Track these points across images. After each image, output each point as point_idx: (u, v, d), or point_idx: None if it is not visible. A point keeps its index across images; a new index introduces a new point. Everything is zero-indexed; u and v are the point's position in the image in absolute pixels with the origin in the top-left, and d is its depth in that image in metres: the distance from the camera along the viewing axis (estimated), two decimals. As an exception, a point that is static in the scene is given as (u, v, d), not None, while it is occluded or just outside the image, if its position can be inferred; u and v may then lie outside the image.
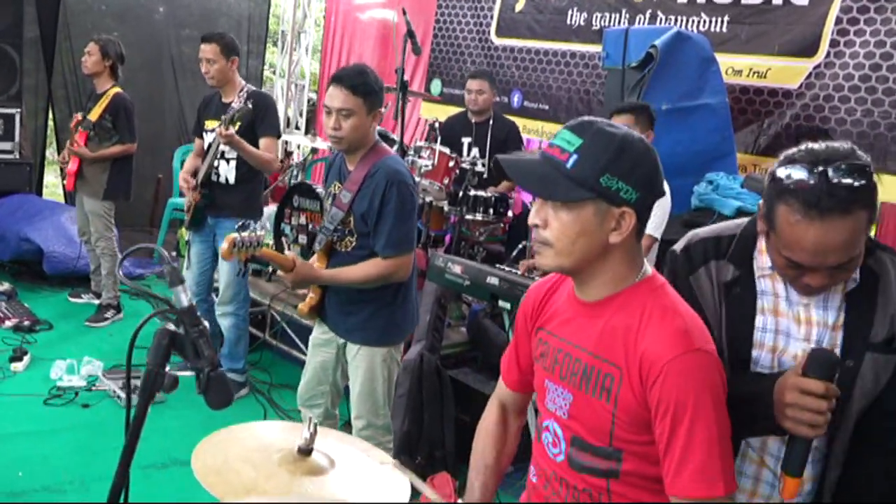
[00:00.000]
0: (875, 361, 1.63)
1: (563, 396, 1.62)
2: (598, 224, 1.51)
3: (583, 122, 1.55)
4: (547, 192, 1.52)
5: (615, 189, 1.49)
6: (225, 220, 4.39)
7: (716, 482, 1.44)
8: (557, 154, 1.52)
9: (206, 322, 1.44)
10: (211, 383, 1.38)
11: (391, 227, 2.94)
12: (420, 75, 7.27)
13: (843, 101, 4.65)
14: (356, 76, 2.91)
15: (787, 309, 1.68)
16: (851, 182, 1.46)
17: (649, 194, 1.53)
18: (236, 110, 4.05)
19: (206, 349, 1.36)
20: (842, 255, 1.52)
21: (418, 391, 3.82)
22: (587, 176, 1.48)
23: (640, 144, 1.52)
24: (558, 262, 1.55)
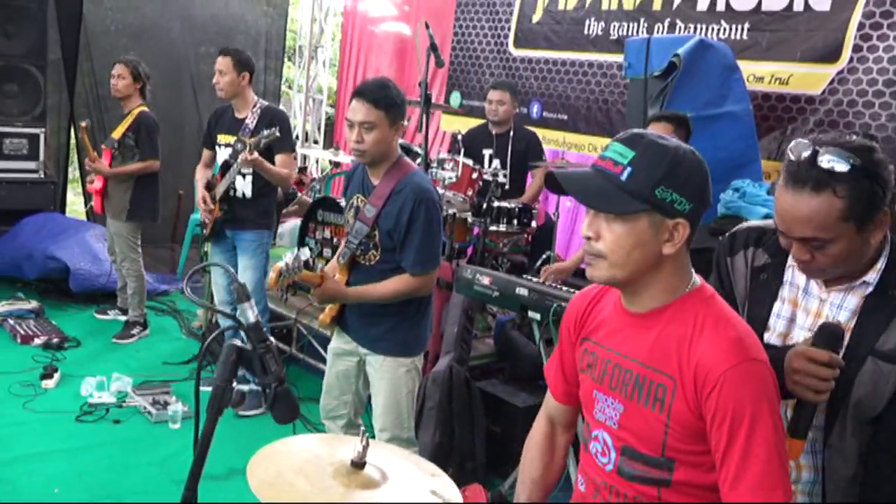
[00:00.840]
0: (876, 368, 1.68)
1: (613, 407, 1.63)
2: (653, 235, 1.52)
3: (633, 135, 1.56)
4: (603, 204, 1.53)
5: (669, 201, 1.50)
6: (244, 233, 4.50)
7: (776, 490, 1.44)
8: (610, 167, 1.53)
9: (272, 338, 1.45)
10: (278, 398, 1.39)
11: (420, 245, 2.96)
12: (439, 87, 7.30)
13: (866, 106, 4.63)
14: (378, 90, 2.94)
15: (803, 300, 1.80)
16: (832, 166, 1.57)
17: (701, 204, 1.54)
18: (265, 136, 4.09)
19: (272, 364, 1.37)
20: (805, 229, 1.63)
21: (448, 403, 3.83)
22: (642, 188, 1.49)
23: (692, 156, 1.54)
24: (611, 274, 1.56)
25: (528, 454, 1.89)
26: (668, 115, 3.86)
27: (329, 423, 3.36)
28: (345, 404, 3.29)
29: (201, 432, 1.39)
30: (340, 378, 3.27)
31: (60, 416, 4.26)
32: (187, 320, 5.95)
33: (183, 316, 6.05)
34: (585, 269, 1.62)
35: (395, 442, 3.16)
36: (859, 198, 1.59)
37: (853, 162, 1.57)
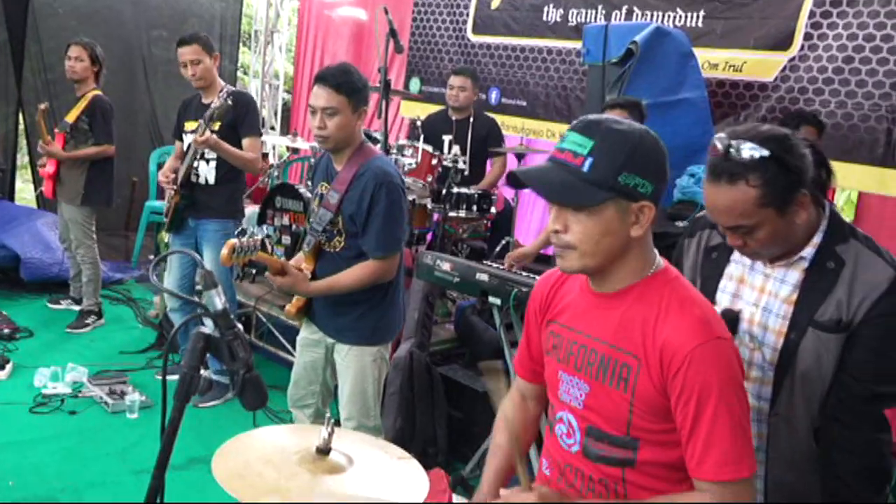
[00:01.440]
0: (816, 338, 1.79)
1: (578, 387, 1.65)
2: (620, 221, 1.54)
3: (589, 123, 1.56)
4: (570, 198, 1.54)
5: (633, 185, 1.52)
6: (207, 222, 4.34)
7: (741, 464, 1.48)
8: (570, 158, 1.53)
9: (239, 325, 1.43)
10: (246, 385, 1.38)
11: (381, 229, 2.95)
12: (398, 73, 7.27)
13: (817, 93, 4.73)
14: (340, 75, 2.91)
15: (750, 277, 1.92)
16: (744, 157, 1.67)
17: (662, 183, 1.57)
18: (215, 108, 3.97)
19: (241, 351, 1.36)
20: (728, 218, 1.74)
21: (409, 389, 3.84)
22: (606, 177, 1.51)
23: (649, 137, 1.56)
24: (583, 264, 1.58)
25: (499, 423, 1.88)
26: (622, 102, 3.90)
27: (297, 412, 3.35)
28: (312, 394, 3.28)
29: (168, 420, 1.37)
30: (308, 368, 3.25)
31: (14, 408, 4.17)
32: (143, 309, 5.86)
33: (138, 304, 5.96)
34: (557, 260, 1.63)
35: (361, 430, 3.14)
36: (772, 185, 1.68)
37: (763, 152, 1.66)
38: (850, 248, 1.82)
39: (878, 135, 4.51)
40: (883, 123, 4.48)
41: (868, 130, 4.55)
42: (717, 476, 1.48)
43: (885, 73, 4.45)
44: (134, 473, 3.67)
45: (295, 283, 2.96)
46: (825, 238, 1.83)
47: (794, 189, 1.71)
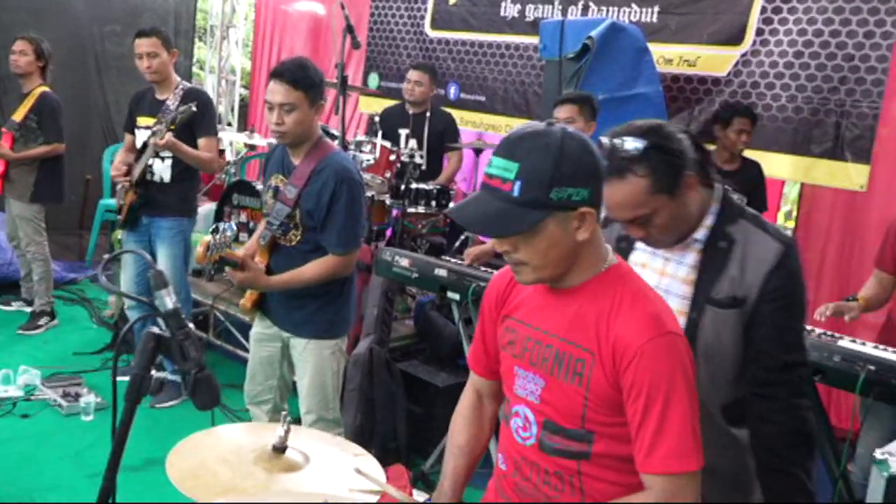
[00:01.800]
0: (714, 316, 1.90)
1: (534, 382, 1.66)
2: (563, 232, 1.54)
3: (510, 144, 1.54)
4: (508, 230, 1.54)
5: (567, 197, 1.51)
6: (161, 220, 4.30)
7: (689, 458, 1.50)
8: (500, 185, 1.52)
9: (191, 324, 1.42)
10: (198, 385, 1.37)
11: (342, 225, 2.95)
12: (356, 69, 7.23)
13: (768, 87, 4.81)
14: (297, 70, 2.91)
15: (651, 262, 2.02)
16: (629, 151, 1.77)
17: (598, 182, 1.57)
18: (180, 112, 3.93)
19: (192, 351, 1.35)
20: (626, 212, 1.84)
21: (369, 385, 3.84)
22: (538, 198, 1.50)
23: (573, 142, 1.53)
24: (538, 276, 1.60)
25: (456, 423, 1.91)
26: (572, 97, 3.91)
27: (254, 409, 3.34)
28: (269, 389, 3.27)
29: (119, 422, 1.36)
30: (264, 364, 3.24)
31: (-36, 412, 4.09)
32: (98, 309, 5.76)
33: (93, 304, 5.86)
34: (514, 275, 1.65)
35: (320, 423, 3.16)
36: (658, 171, 1.79)
37: (643, 143, 1.77)
38: (739, 227, 1.95)
39: (826, 128, 4.60)
40: (831, 117, 4.57)
41: (818, 124, 4.64)
42: (663, 469, 1.50)
43: (833, 68, 4.54)
44: (88, 477, 3.62)
45: (255, 277, 2.96)
46: (717, 219, 1.95)
47: (680, 172, 1.82)
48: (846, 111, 4.53)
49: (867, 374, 2.50)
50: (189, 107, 3.92)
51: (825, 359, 2.62)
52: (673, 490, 1.51)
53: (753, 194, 4.72)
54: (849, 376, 2.54)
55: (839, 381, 2.63)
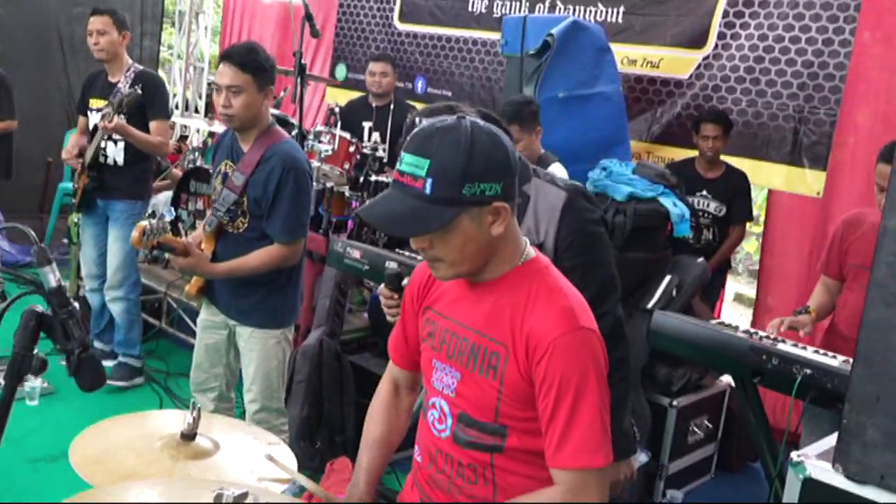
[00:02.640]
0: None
1: (450, 375, 1.65)
2: (478, 227, 1.53)
3: (420, 140, 1.52)
4: (421, 230, 1.52)
5: (479, 192, 1.49)
6: (116, 203, 4.31)
7: (596, 453, 1.50)
8: (411, 182, 1.50)
9: (75, 303, 1.39)
10: (82, 364, 1.34)
11: (287, 214, 2.94)
12: (324, 60, 7.19)
13: (729, 91, 4.83)
14: (245, 53, 2.92)
15: None
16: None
17: (511, 177, 1.55)
18: (125, 95, 3.93)
19: (75, 330, 1.32)
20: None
21: (318, 377, 3.81)
22: (449, 194, 1.48)
23: (483, 137, 1.51)
24: (455, 272, 1.59)
25: (371, 415, 1.90)
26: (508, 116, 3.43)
27: (199, 397, 3.30)
28: (215, 377, 3.25)
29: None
30: (210, 351, 3.23)
31: None
32: (52, 293, 5.67)
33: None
34: (432, 271, 1.63)
35: (265, 412, 3.16)
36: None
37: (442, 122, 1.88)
38: (532, 185, 2.20)
39: (785, 133, 4.63)
40: (790, 122, 4.60)
41: (776, 129, 4.66)
42: (572, 463, 1.50)
43: (792, 74, 4.57)
44: (30, 462, 3.57)
45: (197, 263, 2.93)
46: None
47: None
48: (804, 117, 4.56)
49: (803, 377, 2.52)
50: (134, 90, 3.92)
51: (763, 362, 2.63)
52: (580, 485, 1.50)
53: (736, 203, 4.72)
54: (785, 379, 2.56)
55: (776, 383, 2.65)
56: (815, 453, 1.65)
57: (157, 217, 2.65)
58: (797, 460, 1.62)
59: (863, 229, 3.13)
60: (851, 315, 3.13)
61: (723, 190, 4.71)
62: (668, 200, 3.95)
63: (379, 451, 1.83)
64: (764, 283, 5.01)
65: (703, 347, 2.83)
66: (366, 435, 1.87)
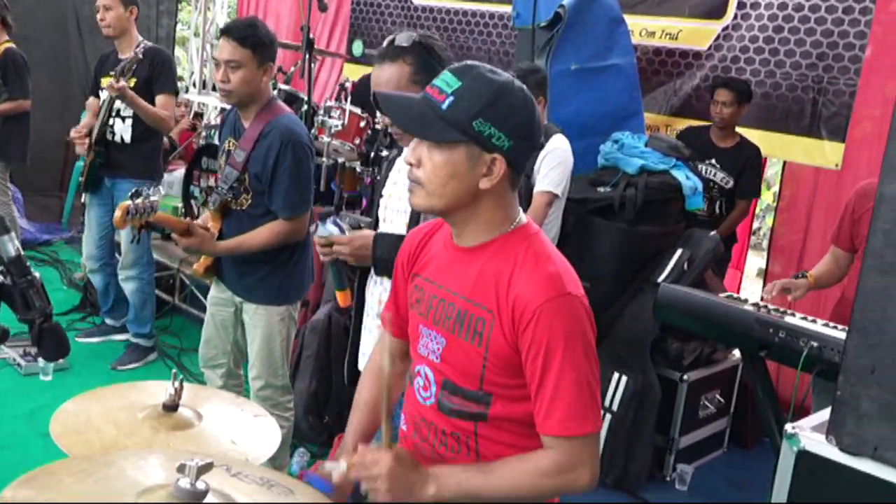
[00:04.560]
0: None
1: (436, 341, 1.63)
2: (470, 168, 1.51)
3: (465, 66, 1.54)
4: (419, 130, 1.52)
5: (487, 134, 1.49)
6: (123, 182, 4.26)
7: (586, 420, 1.48)
8: (435, 95, 1.52)
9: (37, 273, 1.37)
10: (44, 334, 1.33)
11: (287, 189, 2.92)
12: (340, 36, 7.14)
13: (748, 62, 4.73)
14: (245, 28, 2.89)
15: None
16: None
17: (524, 143, 1.53)
18: (127, 61, 3.93)
19: (36, 300, 1.31)
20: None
21: (326, 352, 3.81)
22: (460, 119, 1.48)
23: (519, 93, 1.52)
24: (429, 203, 1.56)
25: (364, 379, 1.89)
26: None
27: (208, 372, 3.33)
28: (224, 354, 3.26)
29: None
30: (219, 327, 3.23)
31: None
32: (69, 271, 5.72)
33: (65, 266, 5.82)
34: (409, 195, 1.62)
35: (269, 389, 3.16)
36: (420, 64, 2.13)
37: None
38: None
39: (804, 105, 4.53)
40: (809, 94, 4.50)
41: (795, 101, 4.57)
42: (562, 431, 1.48)
43: (811, 44, 4.46)
44: (41, 436, 3.59)
45: (201, 243, 2.93)
46: None
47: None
48: (823, 88, 4.45)
49: (810, 350, 2.47)
50: (135, 54, 3.90)
51: (770, 335, 2.58)
52: (571, 452, 1.49)
53: (745, 177, 4.61)
54: (792, 352, 2.51)
55: (783, 357, 2.60)
56: (811, 425, 1.61)
57: (141, 196, 2.61)
58: (791, 432, 1.58)
59: (876, 200, 3.05)
60: (864, 288, 3.06)
61: (732, 162, 4.60)
62: (680, 173, 3.88)
63: (369, 415, 1.82)
64: (775, 257, 4.94)
65: (710, 321, 2.78)
66: (357, 398, 1.86)
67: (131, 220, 2.60)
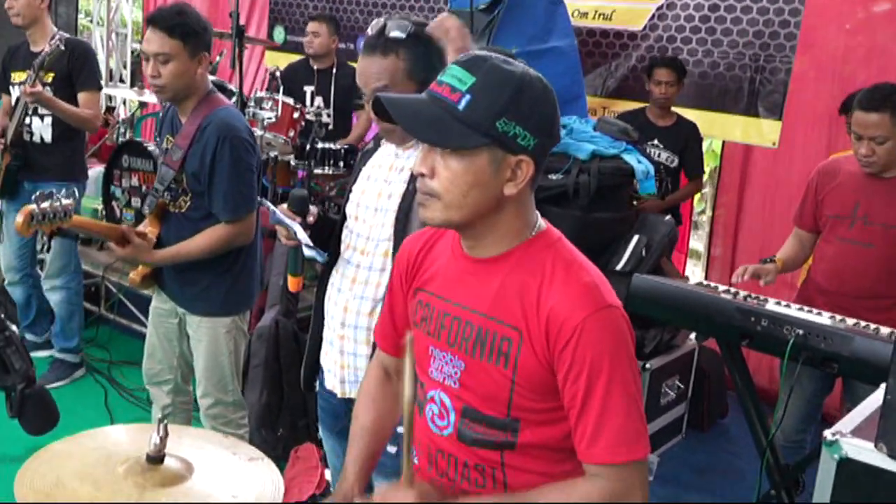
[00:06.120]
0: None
1: (452, 364, 1.47)
2: (493, 174, 1.35)
3: (476, 58, 1.37)
4: (438, 137, 1.34)
5: (512, 135, 1.33)
6: (44, 185, 3.90)
7: (636, 444, 1.35)
8: (447, 94, 1.34)
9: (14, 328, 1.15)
10: (27, 403, 1.11)
11: (227, 188, 2.70)
12: (260, 21, 6.83)
13: (685, 41, 4.71)
14: (173, 16, 2.65)
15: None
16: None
17: (548, 139, 1.39)
18: (47, 54, 3.59)
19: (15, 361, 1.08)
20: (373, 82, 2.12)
21: (275, 360, 3.60)
22: (481, 119, 1.32)
23: (539, 84, 1.37)
24: (447, 217, 1.39)
25: (360, 402, 1.72)
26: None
27: (154, 390, 3.09)
28: (170, 368, 3.03)
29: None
30: (163, 340, 3.00)
31: None
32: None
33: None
34: (419, 209, 1.44)
35: (219, 406, 2.95)
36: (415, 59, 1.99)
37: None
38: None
39: (742, 84, 4.53)
40: (747, 72, 4.50)
41: (733, 80, 4.56)
42: (611, 458, 1.34)
43: (748, 22, 4.46)
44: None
45: (137, 252, 2.69)
46: None
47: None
48: (760, 66, 4.46)
49: (796, 338, 2.41)
50: (55, 45, 3.57)
51: (752, 323, 2.52)
52: (622, 479, 1.35)
53: (687, 154, 4.63)
54: (777, 341, 2.45)
55: (766, 346, 2.54)
56: (849, 430, 1.52)
57: (49, 199, 2.34)
58: (831, 439, 1.49)
59: (839, 179, 3.04)
60: (830, 268, 3.05)
61: (674, 139, 4.62)
62: (631, 157, 3.80)
63: (370, 440, 1.65)
64: (717, 237, 4.98)
65: (687, 310, 2.69)
66: (354, 425, 1.68)
67: (38, 226, 2.33)
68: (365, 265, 2.06)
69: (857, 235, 2.95)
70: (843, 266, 2.99)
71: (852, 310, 2.73)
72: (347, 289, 2.11)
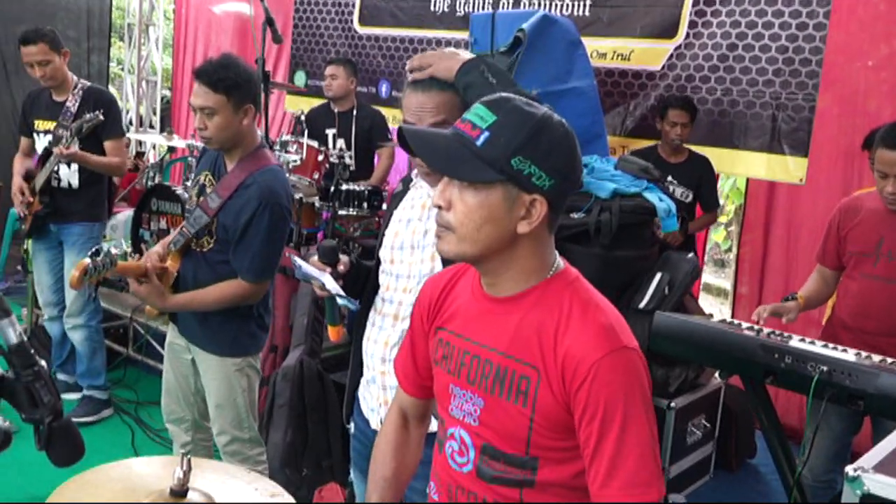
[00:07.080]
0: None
1: (472, 402, 1.48)
2: (507, 210, 1.38)
3: (500, 98, 1.42)
4: (450, 168, 1.39)
5: (527, 173, 1.36)
6: (72, 226, 4.11)
7: (650, 487, 1.34)
8: (469, 130, 1.38)
9: (42, 362, 1.18)
10: (54, 436, 1.13)
11: (257, 252, 2.74)
12: (283, 67, 6.98)
13: (703, 80, 4.74)
14: (217, 70, 2.68)
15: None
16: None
17: (565, 182, 1.41)
18: (86, 121, 3.71)
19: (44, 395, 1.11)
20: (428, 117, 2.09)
21: (300, 399, 3.62)
22: (497, 156, 1.35)
23: (560, 128, 1.40)
24: (461, 249, 1.42)
25: (379, 450, 1.73)
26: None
27: (172, 428, 3.11)
28: (188, 405, 3.05)
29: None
30: (179, 377, 3.03)
31: None
32: (9, 325, 5.38)
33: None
34: (436, 242, 1.47)
35: (236, 444, 2.96)
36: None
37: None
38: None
39: (763, 121, 4.54)
40: (767, 110, 4.51)
41: (753, 117, 4.58)
42: (625, 499, 1.33)
43: (767, 60, 4.48)
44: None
45: (152, 293, 2.72)
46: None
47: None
48: (782, 104, 4.47)
49: (820, 375, 2.39)
50: (95, 115, 3.72)
51: (776, 360, 2.50)
52: None
53: (703, 189, 4.67)
54: (802, 378, 2.43)
55: (790, 383, 2.52)
56: (871, 465, 1.50)
57: (101, 254, 2.43)
58: (853, 475, 1.48)
59: (861, 216, 3.03)
60: (855, 305, 3.03)
61: (689, 175, 4.64)
62: (653, 195, 3.82)
63: (390, 491, 1.67)
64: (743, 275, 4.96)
65: (711, 348, 2.69)
66: (373, 474, 1.69)
67: (89, 279, 2.41)
68: (407, 302, 2.04)
69: (881, 272, 2.94)
70: (868, 303, 2.98)
71: (878, 346, 2.71)
72: (389, 326, 2.10)
